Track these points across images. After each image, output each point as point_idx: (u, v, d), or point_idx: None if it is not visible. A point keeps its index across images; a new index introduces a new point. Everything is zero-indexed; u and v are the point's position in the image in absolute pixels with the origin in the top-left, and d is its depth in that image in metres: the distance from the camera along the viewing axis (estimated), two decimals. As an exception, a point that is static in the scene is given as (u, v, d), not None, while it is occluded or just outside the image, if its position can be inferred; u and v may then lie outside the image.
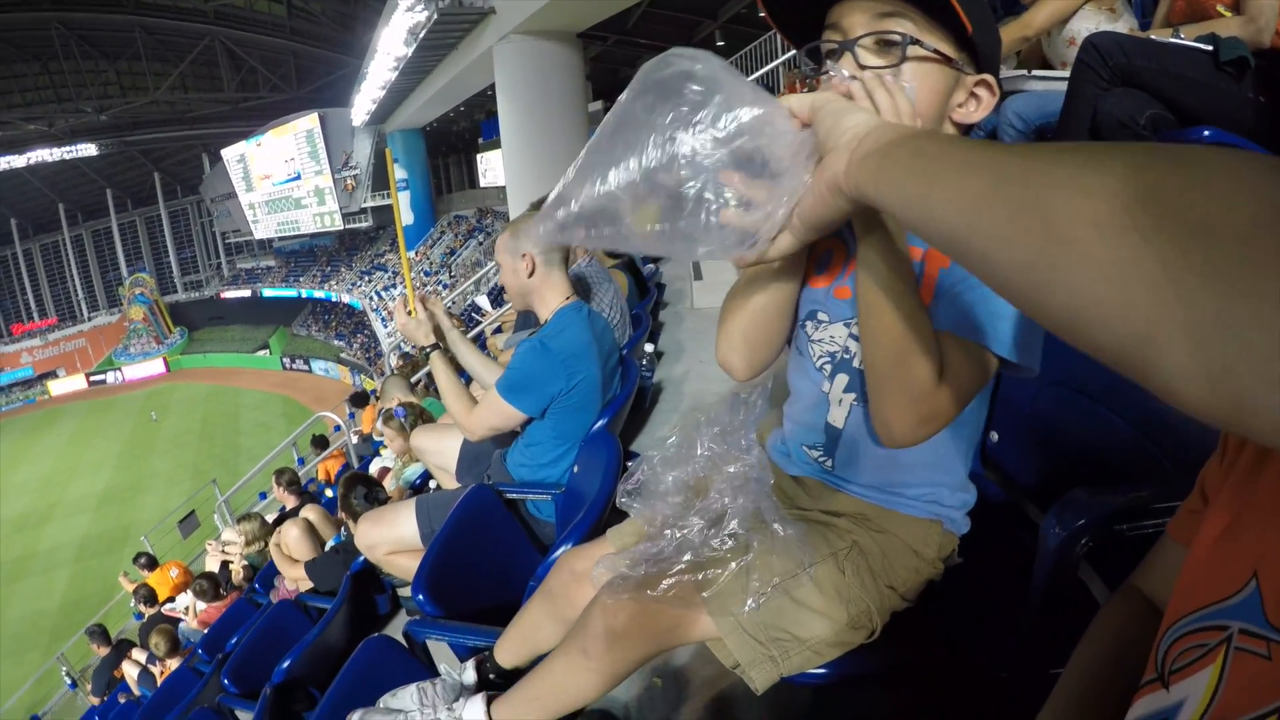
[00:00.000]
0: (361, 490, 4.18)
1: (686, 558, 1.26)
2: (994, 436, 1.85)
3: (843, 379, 1.29)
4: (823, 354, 1.31)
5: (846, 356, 1.27)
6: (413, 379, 7.14)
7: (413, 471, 4.53)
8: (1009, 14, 4.46)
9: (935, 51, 1.09)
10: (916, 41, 1.08)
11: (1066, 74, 2.74)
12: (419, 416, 4.60)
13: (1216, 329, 0.36)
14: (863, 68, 1.08)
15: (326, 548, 4.75)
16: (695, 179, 0.78)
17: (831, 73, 1.08)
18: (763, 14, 1.15)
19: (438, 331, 2.82)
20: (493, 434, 2.75)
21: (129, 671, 7.15)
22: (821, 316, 1.31)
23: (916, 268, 1.18)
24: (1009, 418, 1.77)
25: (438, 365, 2.77)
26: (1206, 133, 2.40)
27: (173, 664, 6.31)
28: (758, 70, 11.06)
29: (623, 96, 0.83)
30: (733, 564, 1.24)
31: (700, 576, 1.25)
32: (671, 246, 0.82)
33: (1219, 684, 0.63)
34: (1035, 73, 3.16)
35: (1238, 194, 0.37)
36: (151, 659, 6.68)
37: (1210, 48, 2.42)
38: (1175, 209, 0.39)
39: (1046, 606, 1.19)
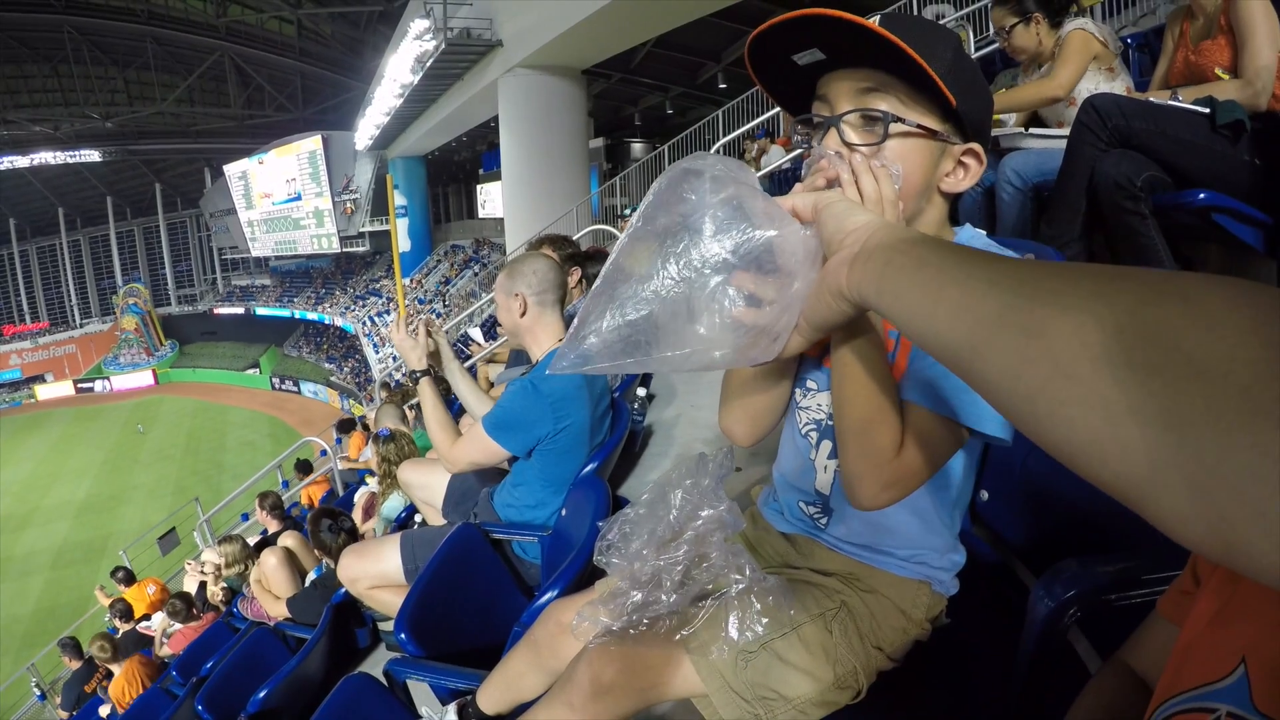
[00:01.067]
0: (326, 523, 4.20)
1: (668, 611, 1.26)
2: (984, 495, 1.85)
3: (827, 446, 1.32)
4: (809, 421, 1.34)
5: (830, 424, 1.28)
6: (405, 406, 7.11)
7: (391, 508, 4.52)
8: (1007, 67, 4.55)
9: (919, 126, 1.09)
10: (899, 119, 1.08)
11: (1065, 132, 2.78)
12: (405, 444, 4.58)
13: (1215, 478, 0.36)
14: (847, 144, 1.10)
15: (307, 580, 4.71)
16: (708, 281, 0.80)
17: (816, 151, 1.09)
18: (757, 86, 1.17)
19: (434, 357, 2.82)
20: (473, 469, 2.74)
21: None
22: (811, 384, 1.33)
23: (893, 336, 1.21)
24: (1000, 477, 1.77)
25: (426, 392, 2.76)
26: (1202, 195, 2.43)
27: (115, 668, 6.40)
28: (759, 116, 11.13)
29: (635, 218, 0.85)
30: (720, 621, 1.24)
31: (686, 633, 1.25)
32: (690, 359, 0.82)
33: None
34: (1033, 130, 3.20)
35: (1242, 337, 0.37)
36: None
37: (1207, 110, 2.46)
38: (1178, 349, 0.39)
39: (1034, 672, 1.18)
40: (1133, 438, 0.40)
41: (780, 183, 8.54)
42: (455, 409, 4.05)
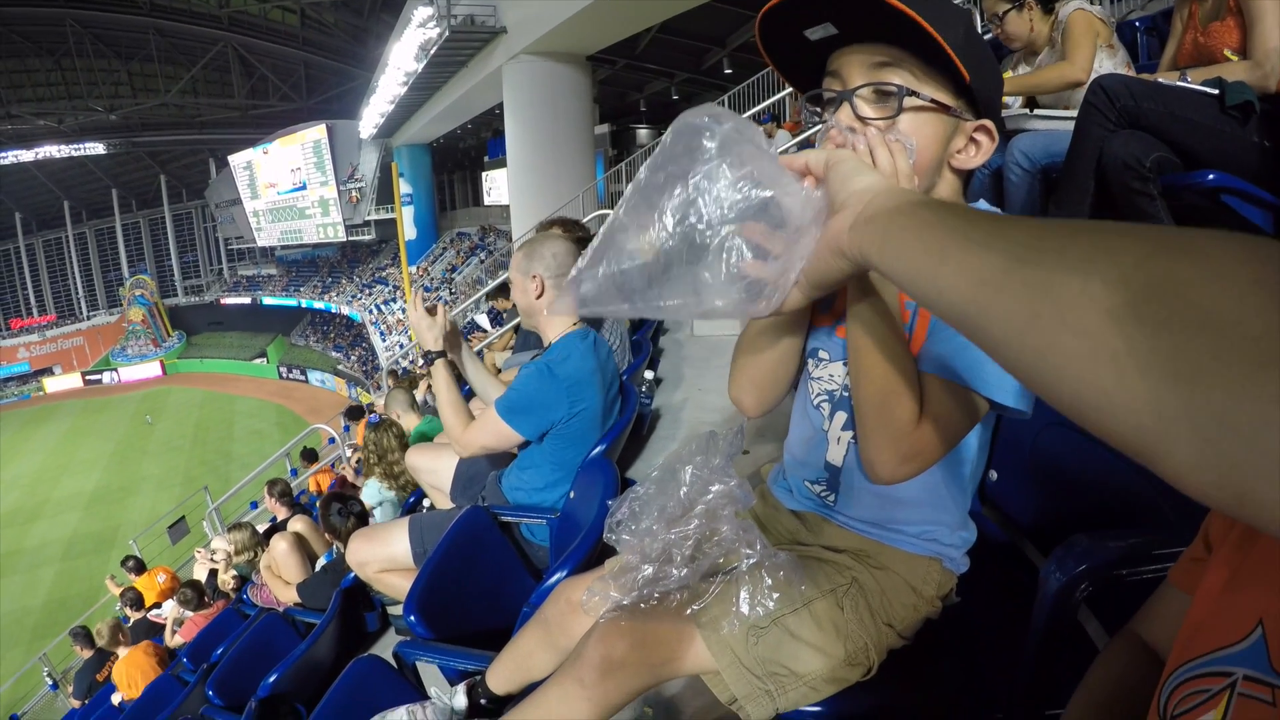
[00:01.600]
0: (336, 506, 4.21)
1: (679, 585, 1.26)
2: (993, 475, 1.85)
3: (841, 417, 1.32)
4: (821, 392, 1.33)
5: (845, 395, 1.29)
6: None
7: (369, 495, 4.54)
8: (1001, 56, 4.52)
9: (932, 101, 1.09)
10: (913, 93, 1.08)
11: (1072, 114, 2.77)
12: (391, 435, 4.57)
13: (1225, 428, 0.37)
14: (860, 118, 1.10)
15: (317, 565, 4.73)
16: (715, 233, 0.80)
17: (830, 124, 1.09)
18: (763, 70, 1.15)
19: (450, 338, 2.75)
20: (485, 453, 2.73)
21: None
22: (823, 355, 1.33)
23: (910, 307, 1.21)
24: (1009, 457, 1.77)
25: (439, 374, 2.71)
26: (1211, 176, 2.42)
27: (121, 652, 6.44)
28: (765, 100, 11.11)
29: (641, 172, 0.85)
30: (730, 597, 1.24)
31: (697, 607, 1.25)
32: (687, 307, 0.83)
33: None
34: (1040, 112, 3.19)
35: (1249, 288, 0.37)
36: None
37: (1216, 91, 2.44)
38: (1186, 301, 0.39)
39: (1044, 649, 1.18)
40: (1142, 390, 0.40)
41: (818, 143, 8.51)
42: (465, 392, 4.05)
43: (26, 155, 42.09)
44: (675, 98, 28.34)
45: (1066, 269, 0.47)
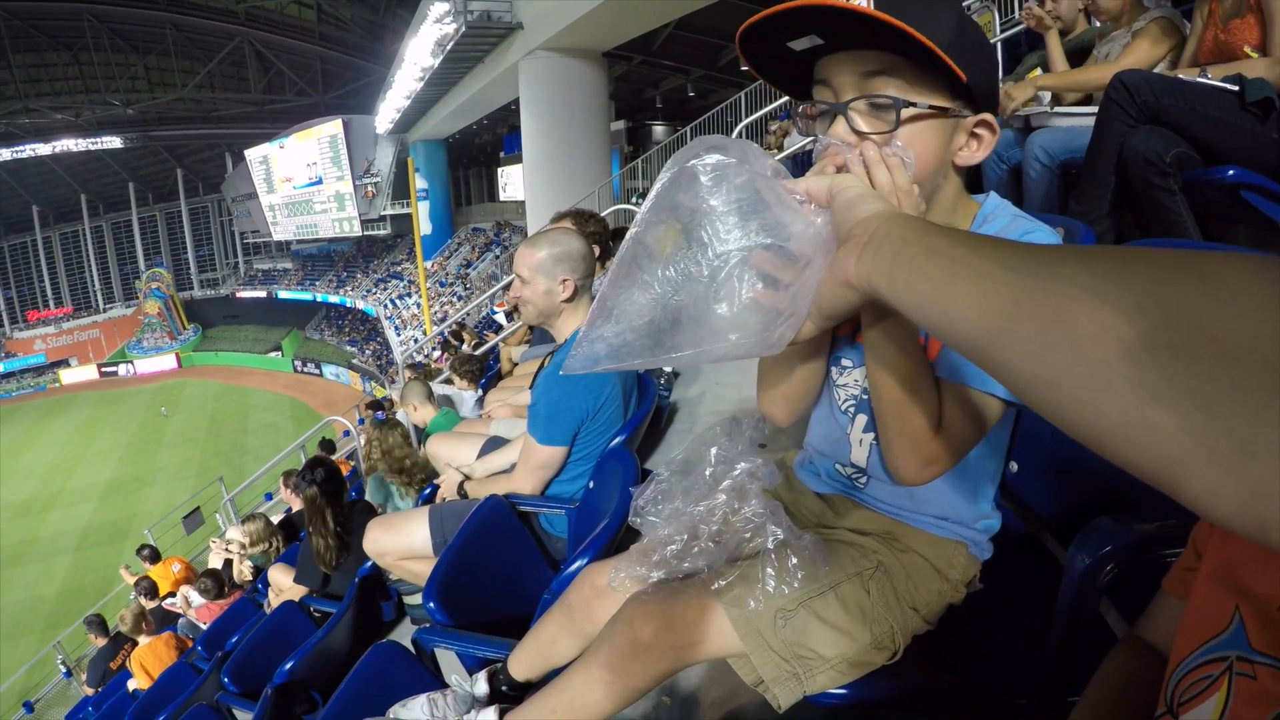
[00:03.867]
0: (294, 480, 4.14)
1: (706, 563, 1.27)
2: (1014, 467, 1.85)
3: (862, 419, 1.33)
4: (848, 397, 1.35)
5: (866, 398, 1.30)
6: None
7: (372, 495, 4.55)
8: (1033, 49, 4.51)
9: (930, 107, 1.06)
10: (909, 103, 1.04)
11: (1093, 110, 2.76)
12: (395, 435, 4.54)
13: (1245, 455, 0.37)
14: (857, 132, 1.07)
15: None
16: (724, 265, 0.81)
17: (825, 143, 1.06)
18: (744, 67, 1.13)
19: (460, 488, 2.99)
20: (545, 481, 2.70)
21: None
22: (845, 362, 1.34)
23: None
24: (1029, 449, 1.77)
25: (477, 487, 2.89)
26: (1231, 172, 2.41)
27: (142, 640, 6.53)
28: (781, 98, 11.06)
29: (637, 223, 0.86)
30: (755, 575, 1.25)
31: (724, 590, 1.26)
32: (703, 351, 0.83)
33: (1225, 708, 0.69)
34: (1060, 109, 3.18)
35: (1261, 312, 0.37)
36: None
37: (1236, 88, 2.44)
38: (1199, 327, 0.39)
39: (1068, 634, 1.19)
40: (1159, 419, 0.40)
41: (802, 164, 8.47)
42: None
43: (44, 149, 42.42)
44: (691, 94, 28.31)
45: (1078, 297, 0.46)
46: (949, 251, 0.62)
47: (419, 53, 21.49)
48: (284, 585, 4.47)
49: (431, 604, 2.13)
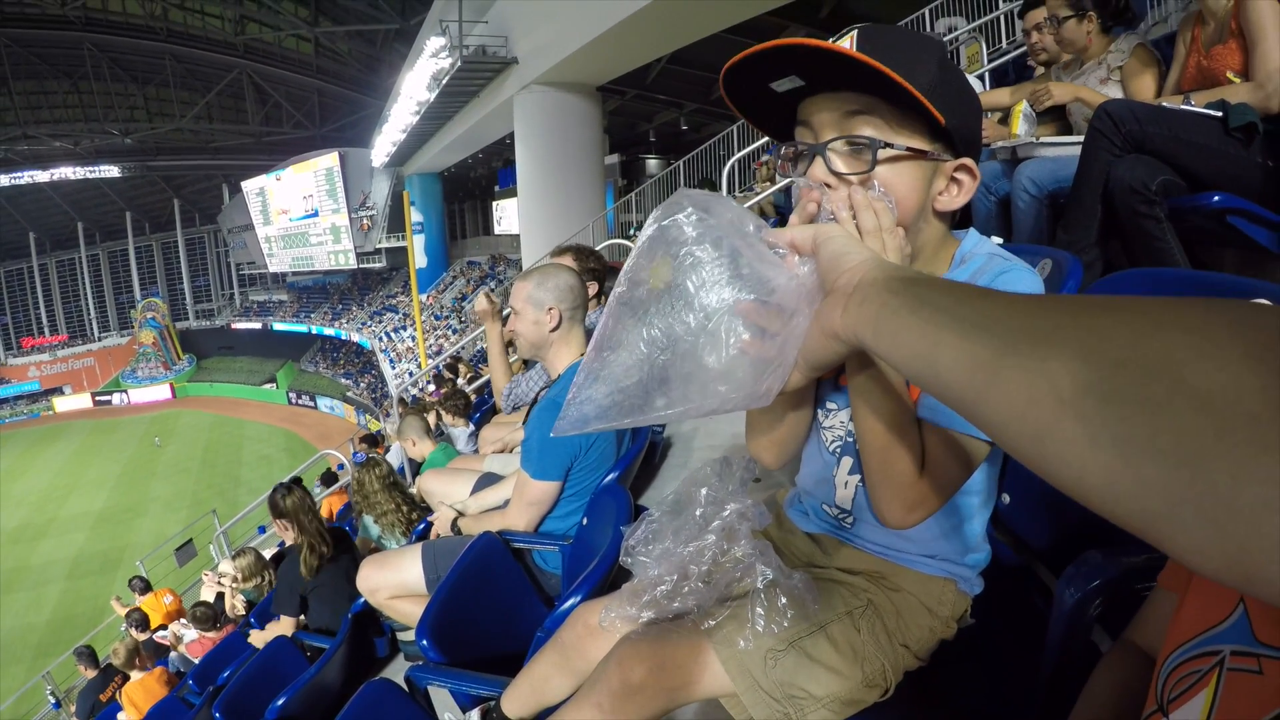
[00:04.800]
0: (277, 493, 4.16)
1: (696, 603, 1.27)
2: (1005, 499, 1.85)
3: (848, 461, 1.33)
4: (834, 439, 1.34)
5: (852, 440, 1.30)
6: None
7: (369, 529, 4.55)
8: (1020, 79, 4.57)
9: (907, 149, 1.06)
10: (886, 144, 1.05)
11: (1078, 140, 2.79)
12: (375, 476, 4.52)
13: (1230, 512, 0.36)
14: (835, 173, 1.07)
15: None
16: (710, 318, 0.82)
17: (802, 182, 1.06)
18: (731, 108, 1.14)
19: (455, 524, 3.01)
20: (540, 517, 2.71)
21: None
22: (830, 405, 1.34)
23: None
24: (1021, 481, 1.77)
25: (470, 524, 2.90)
26: (1217, 198, 2.43)
27: (135, 675, 6.45)
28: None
29: (621, 281, 0.86)
30: (745, 615, 1.25)
31: (715, 631, 1.26)
32: (693, 407, 0.83)
33: (1213, 705, 0.68)
34: (1046, 139, 3.21)
35: (1242, 363, 0.37)
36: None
37: (1220, 114, 2.47)
38: (1182, 381, 0.39)
39: (1060, 666, 1.19)
40: (1144, 475, 0.40)
41: (793, 196, 8.55)
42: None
43: (42, 176, 42.65)
44: (684, 127, 28.55)
45: (1061, 351, 0.46)
46: (934, 303, 0.62)
47: (415, 87, 21.67)
48: (274, 630, 4.43)
49: (425, 641, 2.12)
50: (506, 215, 32.17)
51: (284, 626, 4.16)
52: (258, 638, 4.61)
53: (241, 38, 38.07)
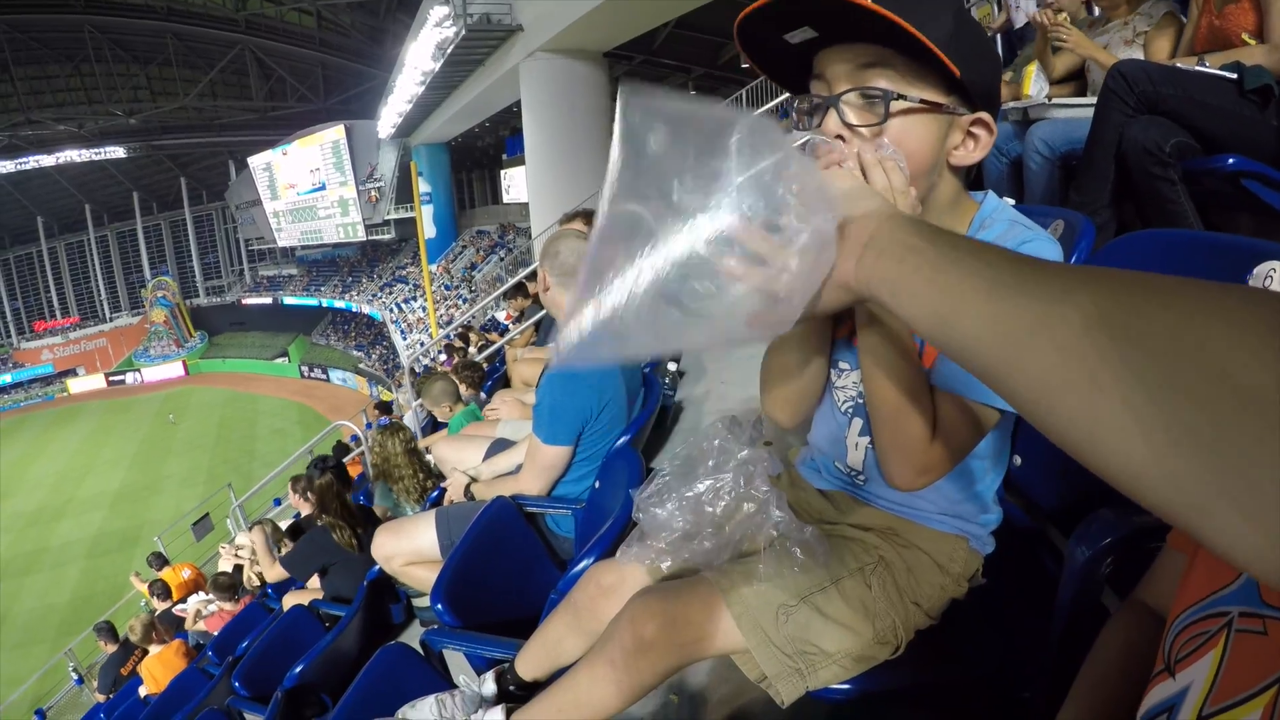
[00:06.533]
0: (314, 470, 4.22)
1: (713, 547, 1.28)
2: (1017, 461, 1.85)
3: (859, 423, 1.32)
4: (846, 400, 1.34)
5: (863, 401, 1.28)
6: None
7: (382, 497, 4.57)
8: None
9: (921, 101, 1.04)
10: (900, 95, 1.02)
11: (1091, 101, 2.75)
12: (400, 441, 4.52)
13: (1269, 505, 0.36)
14: (848, 125, 1.05)
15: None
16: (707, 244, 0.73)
17: (816, 139, 1.01)
18: (746, 64, 1.11)
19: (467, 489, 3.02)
20: (551, 482, 2.72)
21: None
22: (843, 365, 1.33)
23: None
24: (1033, 443, 1.76)
25: (484, 489, 2.90)
26: (1231, 160, 2.40)
27: (154, 649, 6.55)
28: (777, 97, 11.04)
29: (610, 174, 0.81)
30: (759, 575, 1.26)
31: (727, 587, 1.27)
32: (689, 335, 0.77)
33: (1220, 665, 0.68)
34: (1059, 100, 3.17)
35: (1274, 354, 0.37)
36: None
37: (1235, 76, 2.43)
38: (1226, 374, 0.38)
39: (1070, 626, 1.19)
40: (1181, 466, 0.40)
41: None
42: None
43: (48, 160, 42.62)
44: (693, 92, 28.26)
45: (1098, 332, 0.45)
46: (959, 264, 0.60)
47: (420, 57, 21.49)
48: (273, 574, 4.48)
49: (439, 605, 2.15)
50: (515, 184, 32.05)
51: (278, 573, 4.24)
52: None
53: (243, 13, 37.79)
